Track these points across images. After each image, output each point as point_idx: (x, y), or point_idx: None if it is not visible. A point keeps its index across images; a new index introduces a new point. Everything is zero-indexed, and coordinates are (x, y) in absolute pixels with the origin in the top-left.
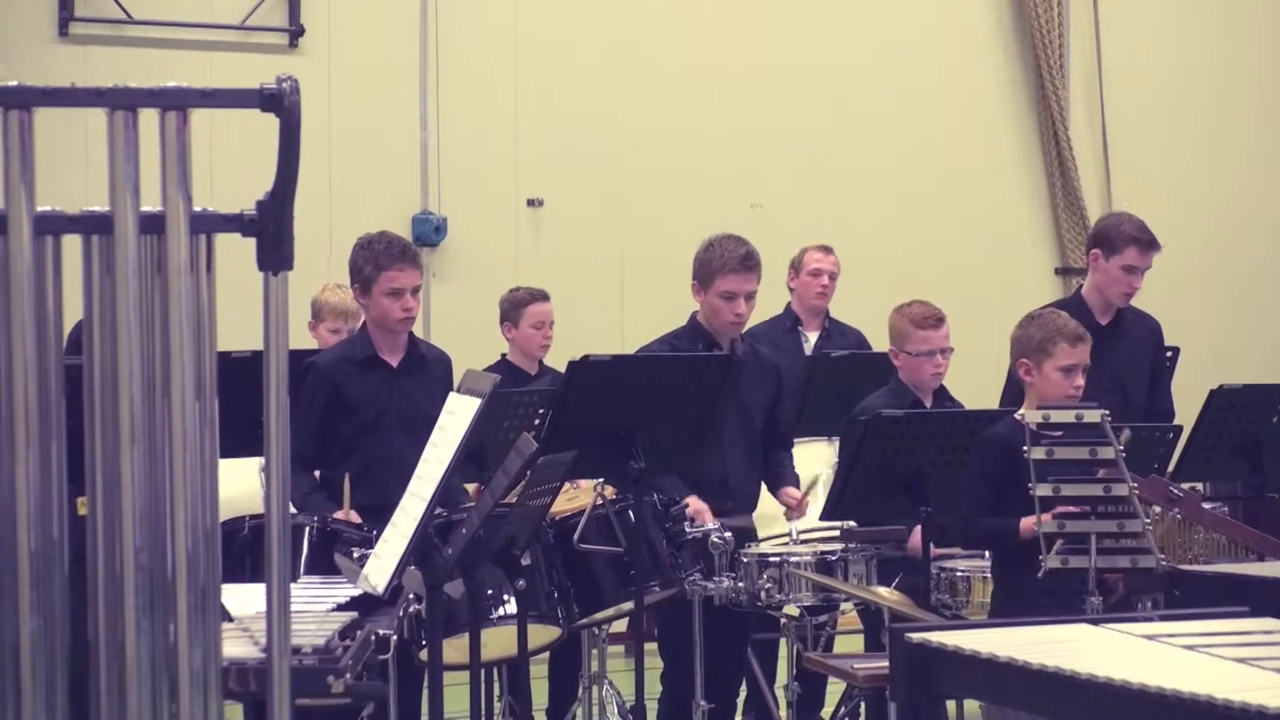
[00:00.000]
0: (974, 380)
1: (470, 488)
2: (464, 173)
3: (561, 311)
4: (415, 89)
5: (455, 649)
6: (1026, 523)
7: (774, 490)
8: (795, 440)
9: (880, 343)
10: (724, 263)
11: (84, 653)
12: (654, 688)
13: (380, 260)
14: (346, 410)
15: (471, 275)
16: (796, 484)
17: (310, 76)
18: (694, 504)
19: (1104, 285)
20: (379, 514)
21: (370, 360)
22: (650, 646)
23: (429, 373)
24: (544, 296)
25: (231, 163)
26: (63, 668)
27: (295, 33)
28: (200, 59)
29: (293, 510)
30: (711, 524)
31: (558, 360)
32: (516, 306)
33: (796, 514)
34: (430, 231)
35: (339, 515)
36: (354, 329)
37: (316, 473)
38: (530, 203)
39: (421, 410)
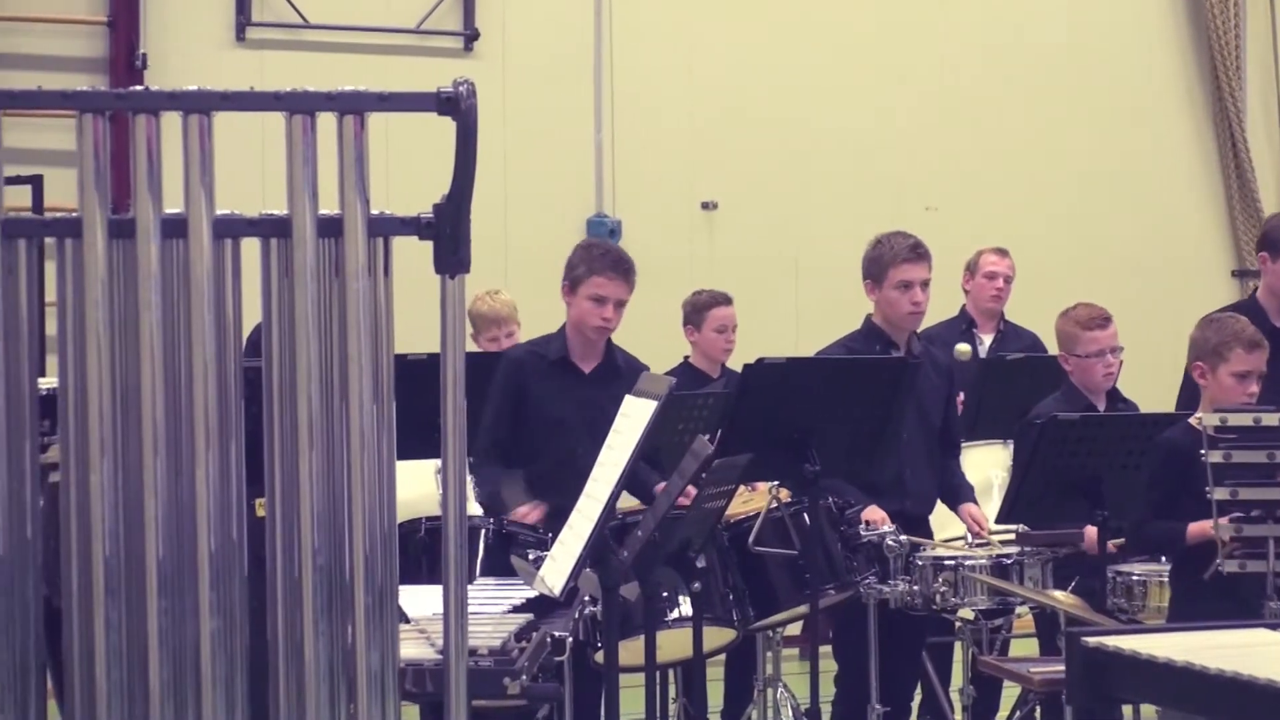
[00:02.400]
0: (1149, 383)
1: None
2: (638, 175)
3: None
4: (590, 91)
5: (631, 651)
6: (1194, 527)
7: (953, 506)
8: (969, 444)
9: (1054, 344)
10: (895, 254)
11: (263, 653)
12: (828, 690)
13: (594, 264)
14: (528, 407)
15: (645, 278)
16: (973, 495)
17: (485, 80)
18: (871, 514)
19: (1275, 287)
20: (562, 517)
21: (561, 363)
22: (825, 649)
23: (623, 382)
24: (727, 300)
25: (407, 166)
26: (242, 668)
27: (470, 36)
28: (375, 63)
29: (473, 511)
30: (888, 527)
31: (733, 363)
32: (699, 310)
33: (978, 537)
34: (605, 234)
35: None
36: (511, 332)
37: None
38: (705, 205)
39: (610, 418)
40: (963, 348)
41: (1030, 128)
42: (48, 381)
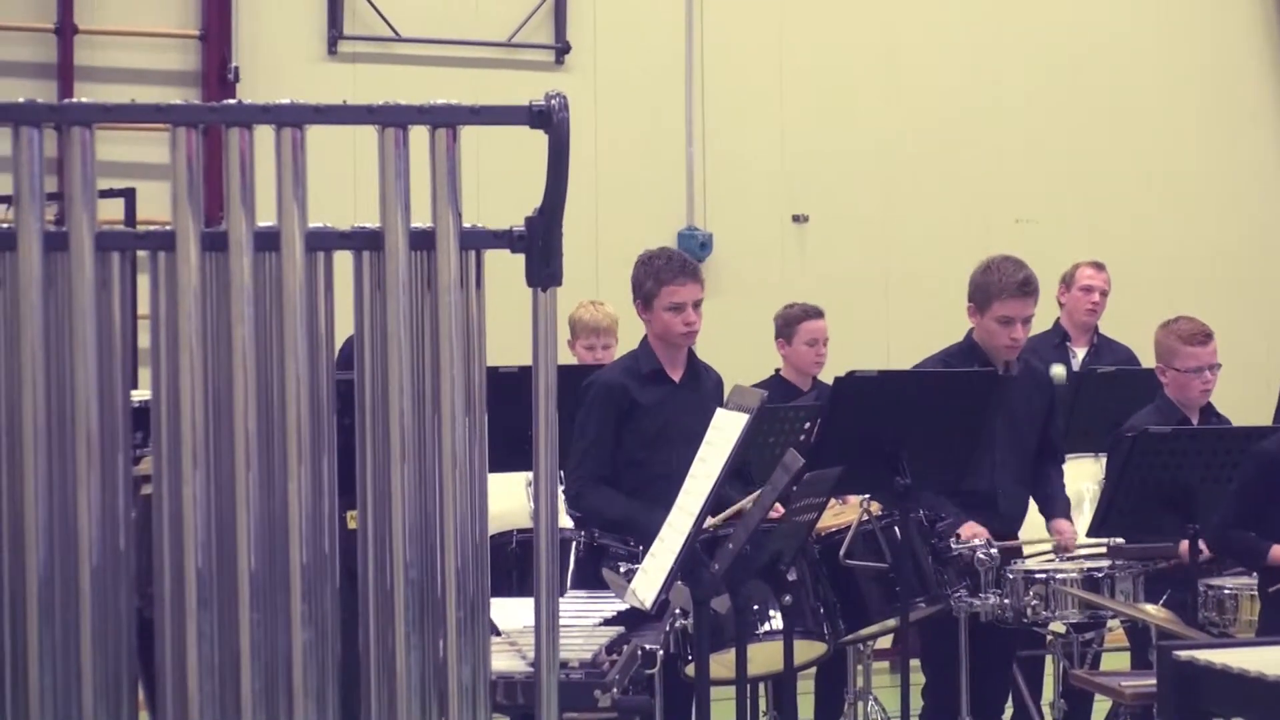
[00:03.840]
0: (1242, 397)
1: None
2: (730, 188)
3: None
4: (681, 104)
5: (722, 664)
6: (1278, 550)
7: (1046, 515)
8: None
9: (1148, 358)
10: (1002, 287)
11: (355, 665)
12: (919, 703)
13: (661, 275)
14: (632, 424)
15: (737, 291)
16: (1067, 512)
17: (576, 92)
18: (969, 529)
19: None
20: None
21: (656, 375)
22: (916, 662)
23: (705, 389)
24: (818, 314)
25: (498, 179)
26: (334, 680)
27: (561, 49)
28: (466, 76)
29: (565, 524)
30: (979, 540)
31: (824, 376)
32: (790, 323)
33: (1064, 552)
34: (696, 247)
35: None
36: (608, 345)
37: None
38: (795, 218)
39: (701, 425)
40: (1058, 370)
41: (1120, 138)
42: (140, 394)
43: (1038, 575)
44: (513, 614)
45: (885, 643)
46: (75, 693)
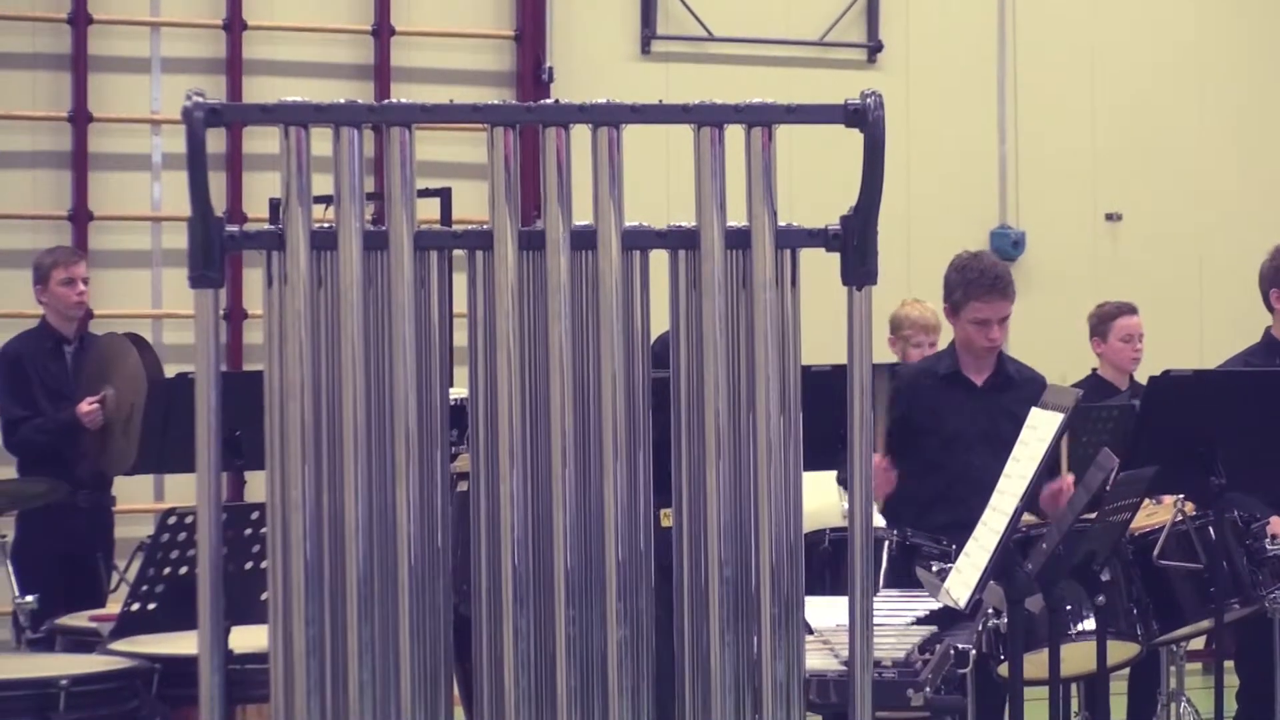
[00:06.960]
0: None
1: None
2: (1042, 186)
3: None
4: (993, 101)
5: (1034, 664)
6: None
7: None
8: None
9: None
10: None
11: (668, 662)
12: (1233, 706)
13: (969, 289)
14: (924, 424)
15: (1050, 290)
16: None
17: (888, 91)
18: (1278, 525)
19: None
20: (960, 530)
21: (953, 376)
22: (1230, 664)
23: (1016, 392)
24: (1131, 310)
25: (811, 177)
26: (649, 677)
27: (873, 48)
28: (777, 75)
29: (878, 523)
30: None
31: (1138, 374)
32: (1104, 320)
33: None
34: (1009, 246)
35: None
36: (934, 342)
37: None
38: (1109, 217)
39: (1003, 429)
40: None
41: None
42: (457, 391)
43: None
44: (825, 613)
45: (1199, 644)
46: (394, 688)
